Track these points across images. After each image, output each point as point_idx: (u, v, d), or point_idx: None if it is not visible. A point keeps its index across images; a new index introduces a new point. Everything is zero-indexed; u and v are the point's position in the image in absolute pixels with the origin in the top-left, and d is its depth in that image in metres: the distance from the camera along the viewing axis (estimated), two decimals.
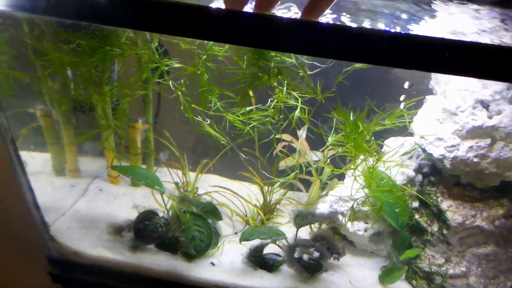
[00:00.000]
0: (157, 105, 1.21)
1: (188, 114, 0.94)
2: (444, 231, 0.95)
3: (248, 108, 0.93)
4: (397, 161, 1.04)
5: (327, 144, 0.99)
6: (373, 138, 0.91)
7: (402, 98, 0.98)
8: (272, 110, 0.91)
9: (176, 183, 1.16)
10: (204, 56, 0.85)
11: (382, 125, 0.90)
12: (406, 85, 0.96)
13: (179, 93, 0.91)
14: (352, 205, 1.01)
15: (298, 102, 0.90)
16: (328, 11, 0.57)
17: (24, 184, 0.89)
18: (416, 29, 0.88)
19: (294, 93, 0.90)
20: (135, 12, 0.58)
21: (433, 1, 0.94)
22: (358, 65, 0.88)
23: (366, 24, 0.85)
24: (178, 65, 0.91)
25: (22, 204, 0.91)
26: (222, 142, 1.03)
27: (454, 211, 0.94)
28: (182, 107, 0.94)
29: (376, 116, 0.91)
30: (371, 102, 0.90)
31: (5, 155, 0.81)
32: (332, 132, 1.00)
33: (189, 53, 0.86)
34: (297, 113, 0.91)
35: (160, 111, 1.23)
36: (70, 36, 0.84)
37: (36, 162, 1.15)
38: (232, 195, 1.17)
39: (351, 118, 0.88)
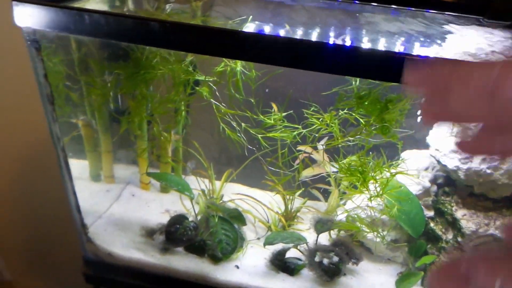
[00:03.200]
0: (186, 117, 1.30)
1: (220, 121, 1.02)
2: (459, 239, 1.00)
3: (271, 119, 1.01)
4: (413, 173, 1.10)
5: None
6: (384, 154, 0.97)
7: (419, 112, 1.04)
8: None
9: (203, 190, 1.23)
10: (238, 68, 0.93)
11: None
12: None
13: (212, 100, 0.99)
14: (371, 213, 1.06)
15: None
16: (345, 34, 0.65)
17: (70, 189, 0.98)
18: (429, 51, 0.95)
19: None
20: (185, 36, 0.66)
21: (445, 23, 1.01)
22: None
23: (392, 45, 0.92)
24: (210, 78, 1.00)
25: (65, 208, 0.99)
26: (246, 154, 1.10)
27: (468, 220, 0.99)
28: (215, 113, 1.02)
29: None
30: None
31: (56, 162, 0.90)
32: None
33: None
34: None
35: (188, 123, 1.32)
36: (110, 67, 0.94)
37: (74, 168, 1.24)
38: (256, 202, 1.23)
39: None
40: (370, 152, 0.99)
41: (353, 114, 0.91)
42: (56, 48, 0.92)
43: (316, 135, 0.98)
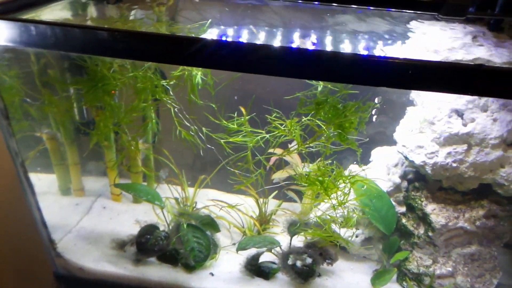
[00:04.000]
0: (156, 124, 1.29)
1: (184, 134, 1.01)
2: (430, 233, 1.00)
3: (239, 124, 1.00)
4: (383, 170, 1.10)
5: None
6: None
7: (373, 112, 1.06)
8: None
9: (176, 198, 1.22)
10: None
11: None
12: (376, 100, 1.03)
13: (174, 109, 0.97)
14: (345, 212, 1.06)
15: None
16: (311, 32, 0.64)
17: (33, 204, 0.95)
18: (394, 49, 0.96)
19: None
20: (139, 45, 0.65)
21: (409, 21, 1.02)
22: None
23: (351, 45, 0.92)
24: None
25: (31, 223, 0.97)
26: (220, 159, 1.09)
27: (438, 214, 0.99)
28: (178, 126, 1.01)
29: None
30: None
31: (15, 178, 0.88)
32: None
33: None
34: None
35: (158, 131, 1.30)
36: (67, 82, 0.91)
37: (42, 183, 1.21)
38: (230, 208, 1.22)
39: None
40: (334, 159, 1.00)
41: (314, 120, 0.90)
42: (11, 61, 0.90)
43: (278, 140, 0.97)
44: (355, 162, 1.14)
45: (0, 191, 0.94)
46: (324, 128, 0.89)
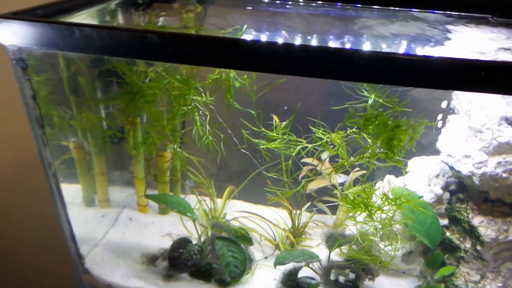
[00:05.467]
0: (182, 133, 1.24)
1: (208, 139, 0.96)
2: (478, 247, 0.95)
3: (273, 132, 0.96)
4: (423, 181, 1.06)
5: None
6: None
7: (439, 117, 1.02)
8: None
9: (204, 210, 1.17)
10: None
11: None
12: (443, 104, 1.00)
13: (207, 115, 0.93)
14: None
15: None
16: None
17: (63, 217, 0.91)
18: (438, 51, 0.92)
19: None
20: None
21: (448, 24, 0.98)
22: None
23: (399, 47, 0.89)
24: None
25: (60, 237, 0.92)
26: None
27: (487, 227, 0.94)
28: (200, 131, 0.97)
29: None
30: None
31: (47, 189, 0.83)
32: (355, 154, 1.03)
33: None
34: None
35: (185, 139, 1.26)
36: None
37: (66, 194, 1.17)
38: (261, 219, 1.17)
39: None
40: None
41: (361, 133, 0.86)
42: (42, 67, 0.86)
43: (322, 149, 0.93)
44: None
45: (32, 202, 0.89)
46: (370, 142, 0.85)
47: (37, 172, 0.89)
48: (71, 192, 1.20)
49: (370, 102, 0.85)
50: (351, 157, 0.93)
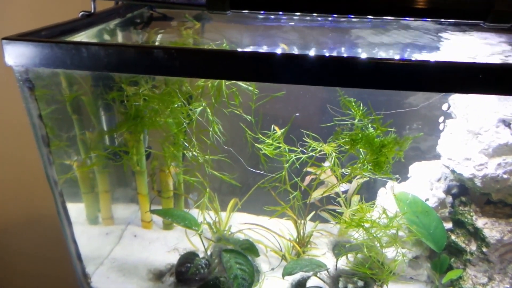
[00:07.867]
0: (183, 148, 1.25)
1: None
2: (484, 249, 0.96)
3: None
4: (425, 185, 1.07)
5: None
6: None
7: (441, 120, 1.04)
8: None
9: (209, 223, 1.17)
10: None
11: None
12: (444, 107, 1.02)
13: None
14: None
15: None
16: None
17: (69, 236, 0.90)
18: (434, 56, 0.95)
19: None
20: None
21: (440, 32, 1.01)
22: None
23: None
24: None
25: (67, 257, 0.91)
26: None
27: (491, 228, 0.95)
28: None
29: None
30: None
31: (54, 208, 0.83)
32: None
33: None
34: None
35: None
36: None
37: (69, 213, 1.17)
38: (266, 231, 1.17)
39: None
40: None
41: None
42: (46, 87, 0.87)
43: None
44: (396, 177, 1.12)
45: (38, 222, 0.89)
46: (361, 158, 0.88)
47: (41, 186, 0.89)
48: (74, 211, 1.19)
49: (355, 121, 0.88)
50: (343, 169, 0.96)
